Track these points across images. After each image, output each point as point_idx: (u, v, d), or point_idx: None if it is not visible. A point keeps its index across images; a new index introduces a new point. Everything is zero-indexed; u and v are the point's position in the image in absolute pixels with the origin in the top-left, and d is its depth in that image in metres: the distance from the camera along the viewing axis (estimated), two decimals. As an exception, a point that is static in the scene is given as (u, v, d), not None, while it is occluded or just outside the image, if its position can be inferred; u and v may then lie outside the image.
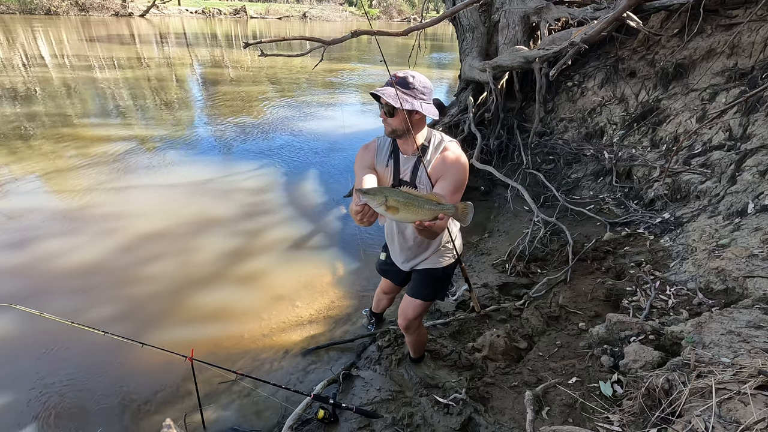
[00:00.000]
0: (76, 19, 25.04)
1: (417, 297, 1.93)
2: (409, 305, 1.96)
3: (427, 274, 1.90)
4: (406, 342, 2.25)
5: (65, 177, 4.76)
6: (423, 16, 8.48)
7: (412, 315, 1.96)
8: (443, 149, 1.58)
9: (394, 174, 1.66)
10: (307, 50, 4.59)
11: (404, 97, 1.47)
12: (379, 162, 1.70)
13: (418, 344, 2.23)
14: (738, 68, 3.72)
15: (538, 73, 4.67)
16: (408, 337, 2.17)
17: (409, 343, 2.23)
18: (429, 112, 1.50)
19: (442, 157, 1.57)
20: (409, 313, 1.95)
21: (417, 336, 2.15)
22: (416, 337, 2.15)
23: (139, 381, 2.31)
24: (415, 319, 1.99)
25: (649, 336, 2.00)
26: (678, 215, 3.28)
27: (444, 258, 1.86)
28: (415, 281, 1.99)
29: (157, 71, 11.47)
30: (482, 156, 4.87)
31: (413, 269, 1.95)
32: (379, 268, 2.23)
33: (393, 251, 1.96)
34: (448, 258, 1.87)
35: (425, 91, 1.51)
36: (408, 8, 50.45)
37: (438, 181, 1.54)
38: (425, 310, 2.00)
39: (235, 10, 35.76)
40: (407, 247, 1.84)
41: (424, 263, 1.88)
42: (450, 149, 1.58)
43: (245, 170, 5.27)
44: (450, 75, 12.98)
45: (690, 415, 1.31)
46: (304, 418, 2.03)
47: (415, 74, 1.51)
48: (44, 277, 3.12)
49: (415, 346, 2.24)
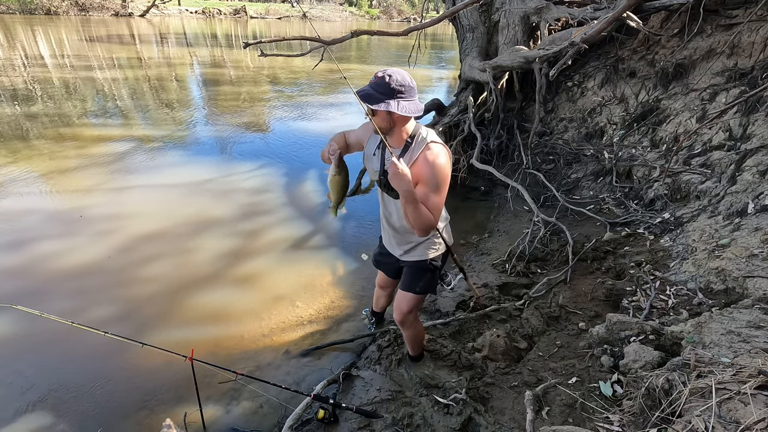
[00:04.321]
0: (76, 19, 25.04)
1: (408, 290, 1.99)
2: (402, 299, 2.03)
3: (417, 266, 1.95)
4: (404, 338, 2.29)
5: (65, 177, 4.76)
6: (423, 16, 8.48)
7: (405, 309, 2.02)
8: (425, 148, 1.60)
9: (381, 163, 1.72)
10: (307, 50, 4.59)
11: (380, 97, 1.49)
12: (369, 146, 1.78)
13: (415, 340, 2.25)
14: (738, 68, 3.72)
15: (538, 73, 4.67)
16: (404, 333, 2.22)
17: (406, 339, 2.27)
18: (406, 109, 1.51)
19: (422, 157, 1.59)
20: (403, 306, 2.02)
21: (413, 330, 2.18)
22: (412, 332, 2.19)
23: (139, 381, 2.31)
24: (409, 313, 2.04)
25: (649, 336, 2.00)
26: (678, 215, 3.28)
27: (431, 250, 1.90)
28: (405, 274, 2.03)
29: (157, 71, 11.48)
30: (482, 156, 4.87)
31: (405, 263, 2.00)
32: (373, 260, 2.30)
33: (385, 239, 2.03)
34: (435, 250, 1.91)
35: (403, 89, 1.51)
36: (408, 8, 50.44)
37: (418, 184, 1.57)
38: (418, 303, 2.05)
39: (235, 10, 35.76)
40: (395, 234, 1.91)
41: (413, 254, 1.92)
42: (431, 149, 1.59)
43: (245, 170, 5.27)
44: (450, 75, 12.99)
45: (690, 415, 1.31)
46: (304, 418, 2.03)
47: (393, 73, 1.51)
48: (44, 277, 3.12)
49: (413, 342, 2.26)
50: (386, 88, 1.49)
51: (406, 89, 1.52)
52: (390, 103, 1.49)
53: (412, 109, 1.53)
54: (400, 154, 1.63)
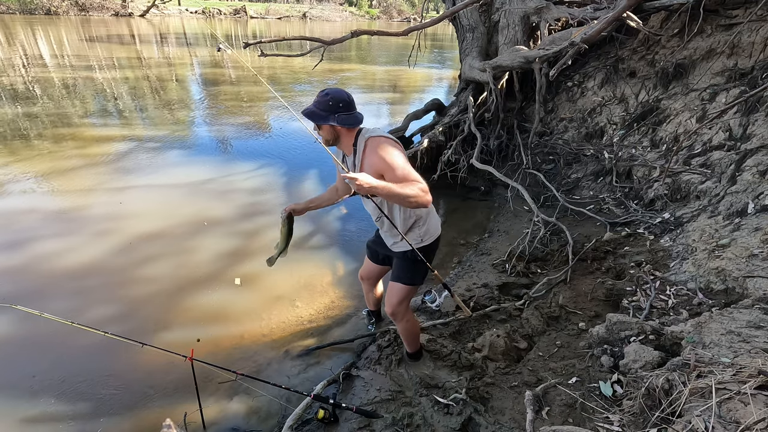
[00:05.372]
0: (76, 19, 25.05)
1: (397, 281, 2.09)
2: (391, 290, 2.12)
3: (402, 256, 2.05)
4: (399, 333, 2.32)
5: (65, 177, 4.76)
6: (423, 16, 8.48)
7: (395, 300, 2.09)
8: (365, 145, 1.76)
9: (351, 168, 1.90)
10: (307, 50, 4.59)
11: (323, 114, 1.72)
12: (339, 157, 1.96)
13: (410, 334, 2.27)
14: (738, 68, 3.72)
15: (538, 73, 4.67)
16: (398, 326, 2.25)
17: (401, 334, 2.29)
18: (345, 122, 1.73)
19: (368, 153, 1.75)
20: (393, 298, 2.10)
21: (405, 324, 2.20)
22: (405, 325, 2.21)
23: (139, 381, 2.31)
24: (399, 304, 2.10)
25: (649, 336, 2.00)
26: (678, 215, 3.28)
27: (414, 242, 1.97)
28: (395, 266, 2.16)
29: (157, 71, 11.48)
30: (482, 156, 4.87)
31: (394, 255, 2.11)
32: (367, 246, 2.40)
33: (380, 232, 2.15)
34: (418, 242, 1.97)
35: (341, 105, 1.72)
36: (408, 8, 50.46)
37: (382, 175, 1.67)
38: (407, 295, 2.11)
39: (235, 10, 35.78)
40: (382, 230, 2.07)
41: (400, 245, 2.01)
42: (369, 143, 1.74)
43: (245, 170, 5.27)
44: (450, 75, 12.99)
45: (690, 415, 1.31)
46: (304, 418, 2.03)
47: (331, 92, 1.73)
48: (44, 277, 3.12)
49: (408, 336, 2.28)
50: (326, 105, 1.71)
51: (344, 105, 1.73)
52: (330, 118, 1.72)
53: (351, 121, 1.75)
54: (353, 158, 1.83)
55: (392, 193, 1.56)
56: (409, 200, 1.58)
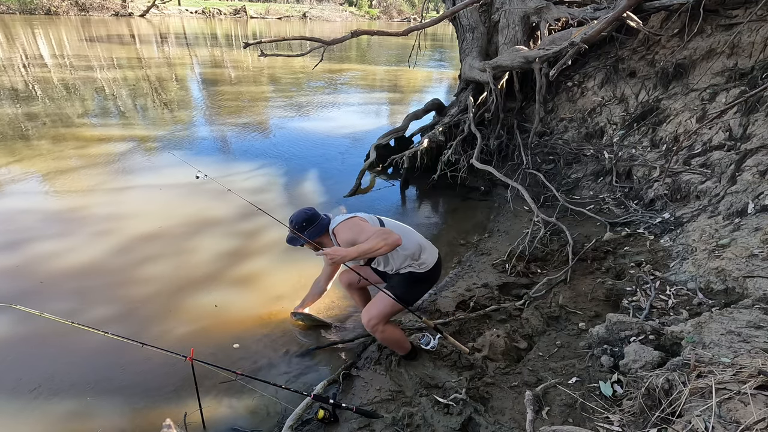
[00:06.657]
0: (76, 19, 25.05)
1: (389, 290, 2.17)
2: (376, 300, 2.21)
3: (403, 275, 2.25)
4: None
5: (65, 177, 4.76)
6: (423, 16, 8.48)
7: (375, 311, 2.16)
8: (333, 235, 2.14)
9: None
10: (307, 50, 4.59)
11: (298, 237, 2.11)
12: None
13: (392, 342, 2.27)
14: (738, 68, 3.72)
15: (538, 73, 4.67)
16: (377, 338, 2.26)
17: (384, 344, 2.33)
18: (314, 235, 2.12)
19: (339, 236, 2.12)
20: (374, 308, 2.17)
21: (382, 335, 2.20)
22: (382, 336, 2.21)
23: (139, 381, 2.31)
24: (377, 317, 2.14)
25: (649, 336, 2.00)
26: (678, 215, 3.28)
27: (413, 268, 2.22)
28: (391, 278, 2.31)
29: (157, 71, 11.48)
30: (482, 156, 4.87)
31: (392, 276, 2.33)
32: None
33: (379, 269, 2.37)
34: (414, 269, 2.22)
35: (305, 224, 2.12)
36: (408, 8, 50.45)
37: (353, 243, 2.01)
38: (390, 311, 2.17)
39: (235, 10, 35.78)
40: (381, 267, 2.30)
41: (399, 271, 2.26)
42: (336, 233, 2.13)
43: (245, 170, 5.27)
44: (450, 75, 12.99)
45: (690, 415, 1.31)
46: (304, 418, 2.03)
47: (292, 218, 2.16)
48: (44, 277, 3.12)
49: (392, 344, 2.29)
50: (295, 230, 2.11)
51: (307, 222, 2.12)
52: (303, 238, 2.10)
53: (318, 231, 2.12)
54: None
55: (361, 251, 1.88)
56: (378, 250, 1.86)
